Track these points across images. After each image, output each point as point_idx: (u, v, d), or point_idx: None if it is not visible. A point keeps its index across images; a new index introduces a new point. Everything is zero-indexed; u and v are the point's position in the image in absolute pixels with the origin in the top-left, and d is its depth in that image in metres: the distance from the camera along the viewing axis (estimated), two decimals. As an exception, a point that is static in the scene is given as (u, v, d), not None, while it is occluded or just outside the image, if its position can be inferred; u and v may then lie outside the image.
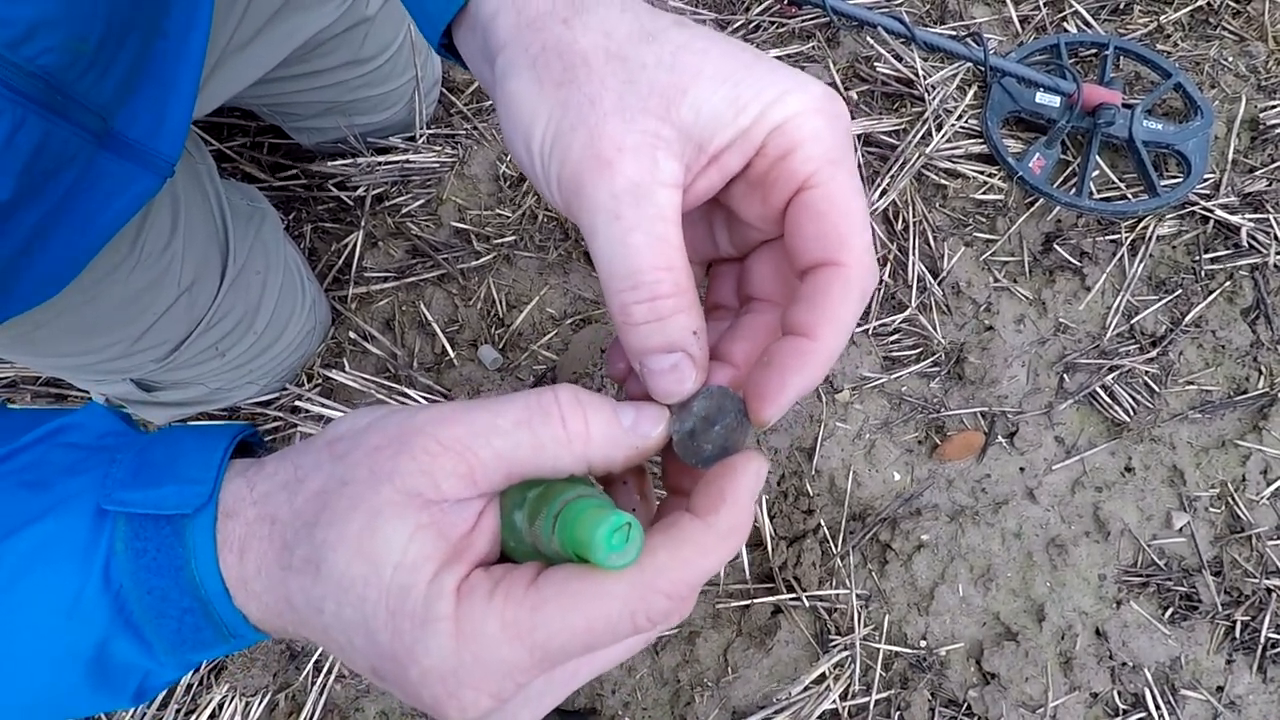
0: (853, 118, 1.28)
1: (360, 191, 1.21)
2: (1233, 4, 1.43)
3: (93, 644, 0.37)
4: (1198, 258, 1.26)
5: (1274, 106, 1.34)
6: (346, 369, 1.14)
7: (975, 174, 1.26)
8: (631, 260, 0.34)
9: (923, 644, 1.12)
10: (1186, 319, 1.23)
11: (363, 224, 1.20)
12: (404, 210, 1.21)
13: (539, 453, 0.35)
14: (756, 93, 0.36)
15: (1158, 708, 1.10)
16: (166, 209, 0.83)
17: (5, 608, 0.36)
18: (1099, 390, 1.20)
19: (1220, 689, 1.13)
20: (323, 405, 1.11)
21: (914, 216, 1.23)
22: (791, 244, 0.37)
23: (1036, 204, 1.26)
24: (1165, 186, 1.25)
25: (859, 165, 1.24)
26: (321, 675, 1.06)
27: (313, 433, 1.11)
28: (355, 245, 1.19)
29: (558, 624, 0.31)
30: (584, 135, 0.34)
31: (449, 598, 0.32)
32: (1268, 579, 1.15)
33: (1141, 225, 1.27)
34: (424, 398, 1.11)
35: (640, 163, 0.34)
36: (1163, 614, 1.15)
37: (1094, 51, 1.36)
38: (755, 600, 1.10)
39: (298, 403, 1.12)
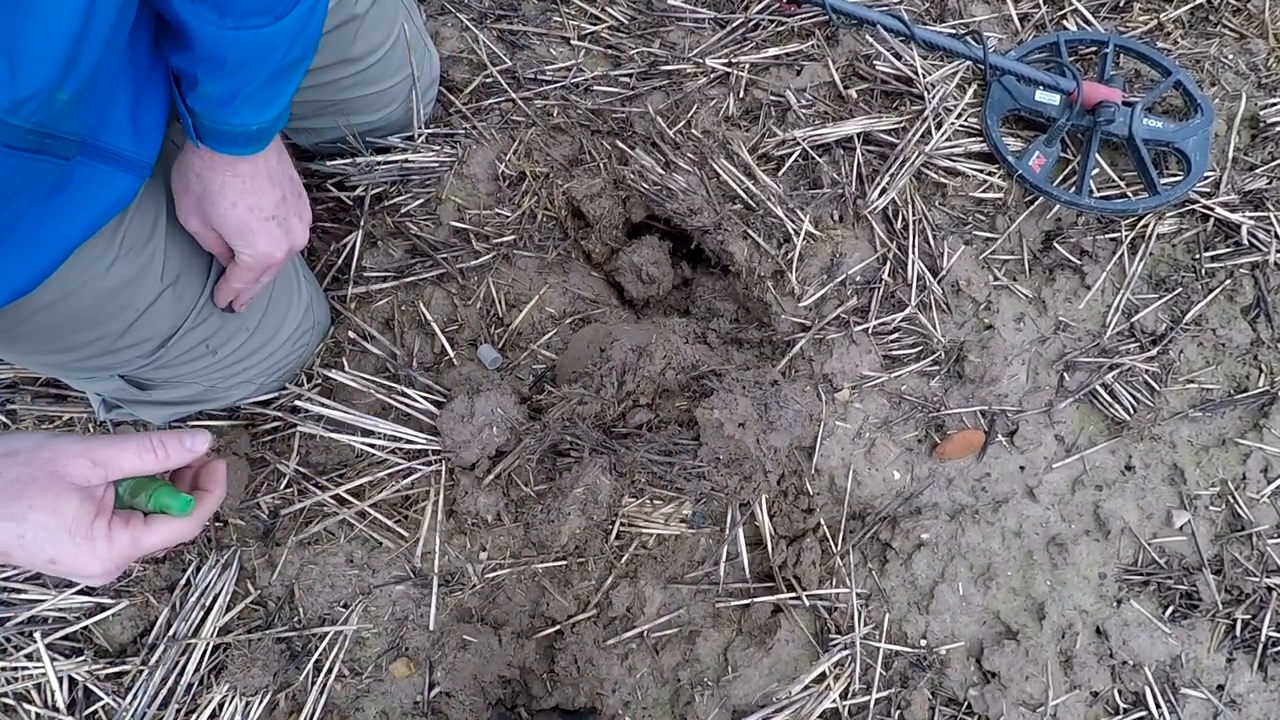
0: (852, 116, 1.28)
1: (359, 191, 1.21)
2: (1233, 1, 1.43)
3: None
4: (1198, 256, 1.26)
5: (1274, 104, 1.34)
6: (346, 369, 1.14)
7: (975, 172, 1.26)
8: None
9: (923, 643, 1.12)
10: (1187, 317, 1.23)
11: (362, 223, 1.20)
12: (403, 210, 1.21)
13: (142, 465, 0.71)
14: None
15: (1158, 706, 1.10)
16: (149, 204, 0.84)
17: None
18: (1099, 389, 1.20)
19: (1221, 687, 1.13)
20: (322, 405, 1.11)
21: (913, 215, 1.23)
22: None
23: (1036, 202, 1.26)
24: (1165, 184, 1.25)
25: (859, 164, 1.24)
26: (321, 675, 1.06)
27: (314, 433, 1.11)
28: (354, 245, 1.19)
29: (152, 539, 0.71)
30: None
31: (101, 528, 0.68)
32: (1268, 577, 1.15)
33: (1141, 223, 1.26)
34: (424, 397, 1.11)
35: None
36: (1163, 612, 1.15)
37: (1094, 49, 1.36)
38: (755, 599, 1.10)
39: (297, 402, 1.12)
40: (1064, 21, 1.40)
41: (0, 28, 0.52)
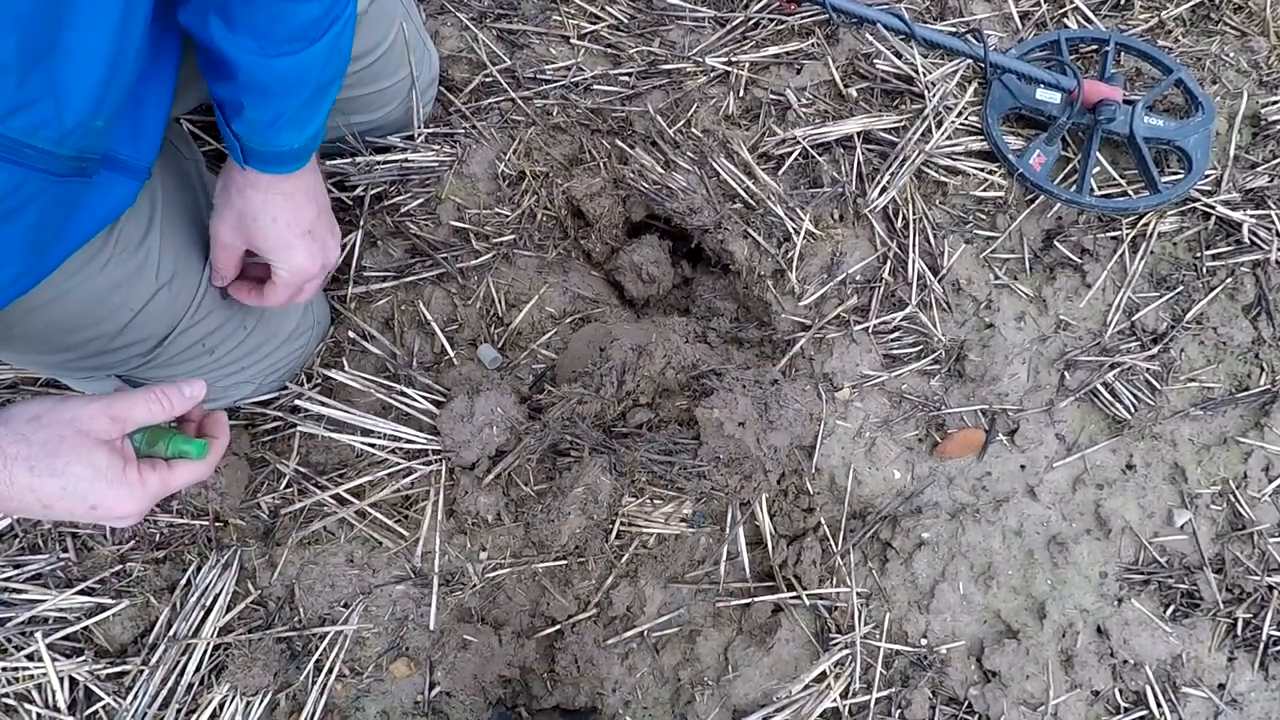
0: (852, 115, 1.28)
1: (359, 190, 1.21)
2: (1234, -1, 1.42)
3: None
4: (1199, 254, 1.26)
5: (1276, 102, 1.33)
6: (346, 368, 1.14)
7: (975, 171, 1.26)
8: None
9: (923, 642, 1.11)
10: (1188, 316, 1.23)
11: (362, 223, 1.20)
12: (403, 209, 1.21)
13: (151, 415, 0.77)
14: None
15: (1159, 705, 1.10)
16: (144, 204, 0.84)
17: None
18: (1100, 387, 1.20)
19: (1222, 686, 1.13)
20: (322, 404, 1.11)
21: (914, 214, 1.23)
22: None
23: (1037, 201, 1.26)
24: (1166, 183, 1.25)
25: (859, 162, 1.24)
26: (322, 675, 1.06)
27: (314, 432, 1.11)
28: (354, 244, 1.19)
29: (178, 479, 0.79)
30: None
31: (133, 473, 0.75)
32: (1269, 576, 1.15)
33: (1142, 222, 1.26)
34: (424, 397, 1.11)
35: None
36: (1164, 611, 1.14)
37: (1095, 47, 1.36)
38: (755, 599, 1.10)
39: (297, 402, 1.12)
40: (1065, 19, 1.39)
41: (43, 72, 0.57)
